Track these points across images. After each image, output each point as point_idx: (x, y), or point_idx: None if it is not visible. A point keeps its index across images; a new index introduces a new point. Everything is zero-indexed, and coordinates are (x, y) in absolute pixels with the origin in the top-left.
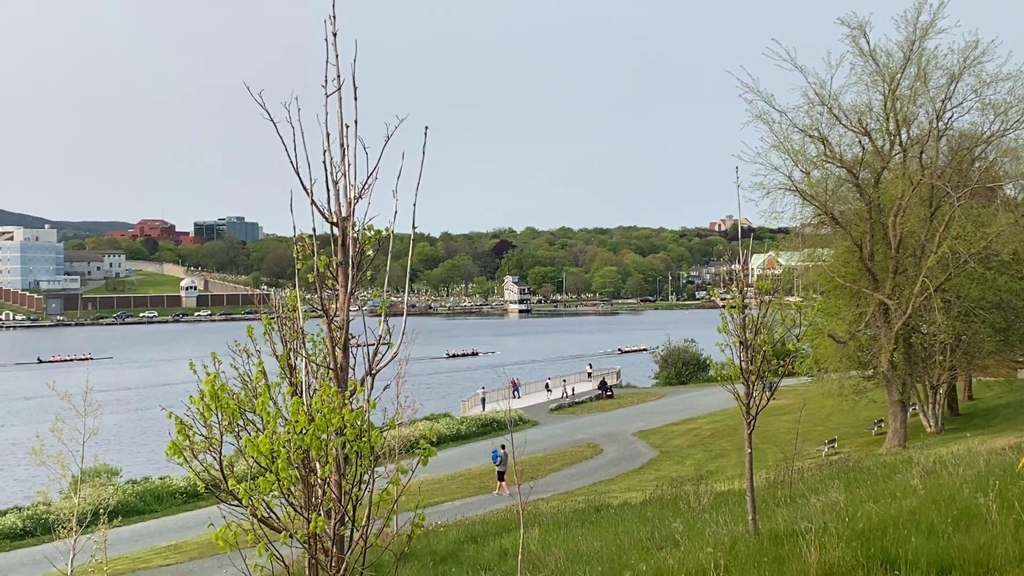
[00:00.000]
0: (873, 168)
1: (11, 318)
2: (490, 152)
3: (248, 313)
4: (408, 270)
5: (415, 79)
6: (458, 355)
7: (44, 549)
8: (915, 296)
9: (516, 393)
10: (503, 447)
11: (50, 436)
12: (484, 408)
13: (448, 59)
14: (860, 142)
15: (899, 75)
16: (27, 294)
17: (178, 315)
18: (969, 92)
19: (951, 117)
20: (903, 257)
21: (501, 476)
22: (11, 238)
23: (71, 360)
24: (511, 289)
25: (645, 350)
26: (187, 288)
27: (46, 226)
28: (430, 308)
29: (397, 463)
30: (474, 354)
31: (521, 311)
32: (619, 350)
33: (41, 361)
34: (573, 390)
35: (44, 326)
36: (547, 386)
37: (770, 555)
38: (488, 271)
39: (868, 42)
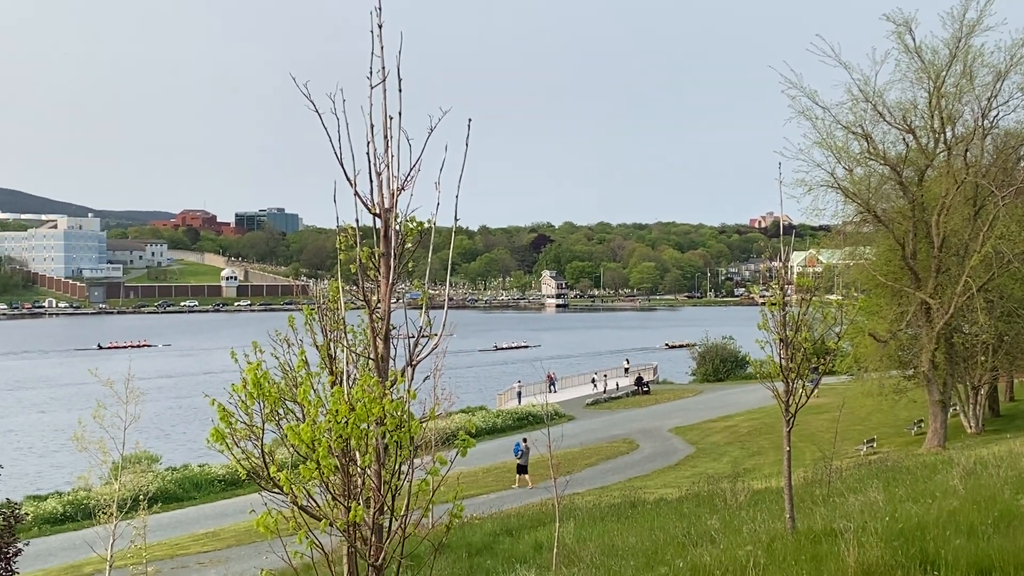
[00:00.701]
0: (917, 166)
1: (54, 305)
2: (529, 146)
3: (287, 304)
4: (449, 263)
5: (455, 72)
6: (506, 347)
7: (84, 534)
8: (957, 296)
9: (552, 387)
10: (524, 440)
11: (92, 422)
12: (520, 402)
13: (489, 51)
14: (904, 139)
15: (944, 72)
16: (70, 282)
17: (218, 305)
18: (1016, 90)
19: (997, 115)
20: (946, 256)
21: (523, 469)
22: (55, 226)
23: (129, 347)
24: (548, 283)
25: (692, 346)
26: (227, 278)
27: (89, 215)
28: (467, 302)
29: (434, 454)
30: (523, 347)
31: (558, 306)
32: (666, 345)
33: (101, 347)
34: (617, 385)
35: (87, 314)
36: (593, 380)
37: (808, 553)
38: (526, 265)
39: (914, 39)
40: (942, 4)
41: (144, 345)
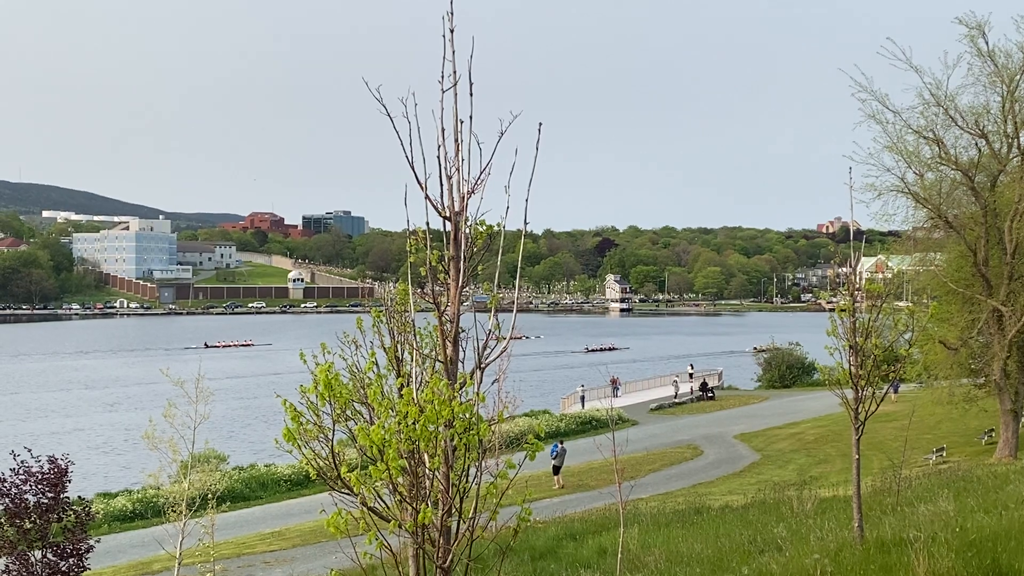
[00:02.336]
0: (989, 171)
1: (125, 305)
2: (595, 150)
3: (353, 306)
4: (518, 267)
5: (521, 75)
6: (596, 349)
7: (153, 531)
8: None
9: (616, 391)
10: (562, 442)
11: (163, 421)
12: (583, 406)
13: (557, 54)
14: (976, 144)
15: (1018, 76)
16: (141, 283)
17: (285, 307)
18: None
19: None
20: (1019, 263)
21: (556, 470)
22: (127, 228)
23: (235, 346)
24: (612, 288)
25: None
26: (294, 280)
27: (160, 217)
28: (530, 305)
29: (497, 457)
30: (612, 349)
31: (622, 310)
32: (755, 349)
33: (208, 346)
34: (691, 389)
35: (157, 314)
36: (674, 382)
37: (877, 563)
38: (590, 269)
39: (987, 42)
40: (1016, 7)
41: (248, 344)
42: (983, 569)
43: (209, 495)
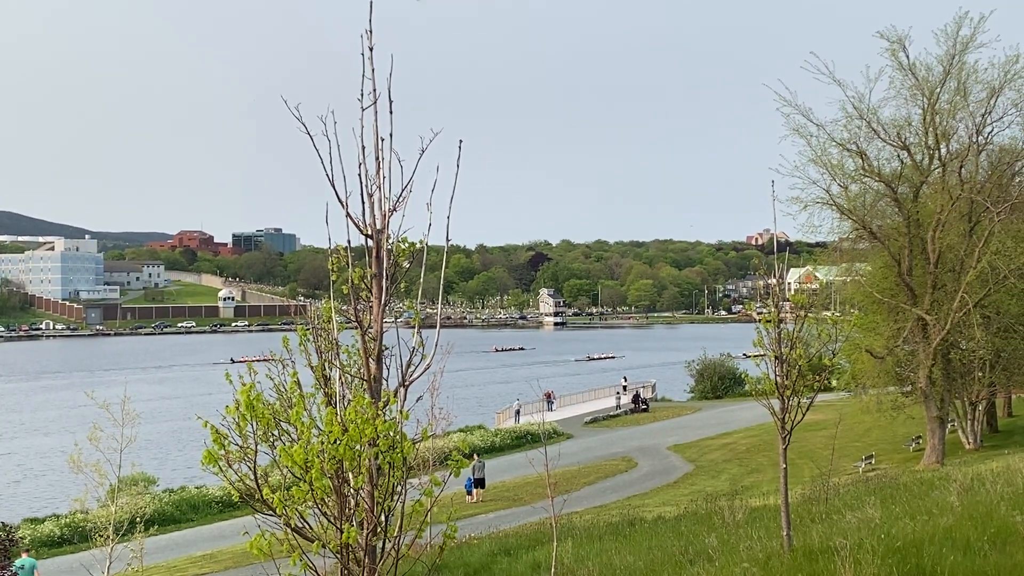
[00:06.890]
0: (912, 182)
1: (51, 327)
2: (527, 164)
3: (284, 324)
4: (442, 282)
5: (448, 89)
6: (597, 358)
7: (81, 557)
8: (954, 311)
9: (550, 405)
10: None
11: (88, 444)
12: (518, 420)
13: (485, 69)
14: (899, 156)
15: (938, 89)
16: (67, 304)
17: (215, 325)
18: (1010, 106)
19: (991, 132)
20: (942, 272)
21: (480, 483)
22: (52, 248)
23: (260, 360)
24: (546, 302)
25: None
26: (224, 299)
27: (86, 236)
28: (464, 320)
29: (431, 475)
30: (611, 357)
31: (556, 324)
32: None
33: (234, 361)
34: (623, 397)
35: (84, 335)
36: (617, 394)
37: (804, 571)
38: (524, 283)
39: (907, 56)
40: (935, 21)
41: (268, 359)
42: (906, 574)
43: (137, 518)
